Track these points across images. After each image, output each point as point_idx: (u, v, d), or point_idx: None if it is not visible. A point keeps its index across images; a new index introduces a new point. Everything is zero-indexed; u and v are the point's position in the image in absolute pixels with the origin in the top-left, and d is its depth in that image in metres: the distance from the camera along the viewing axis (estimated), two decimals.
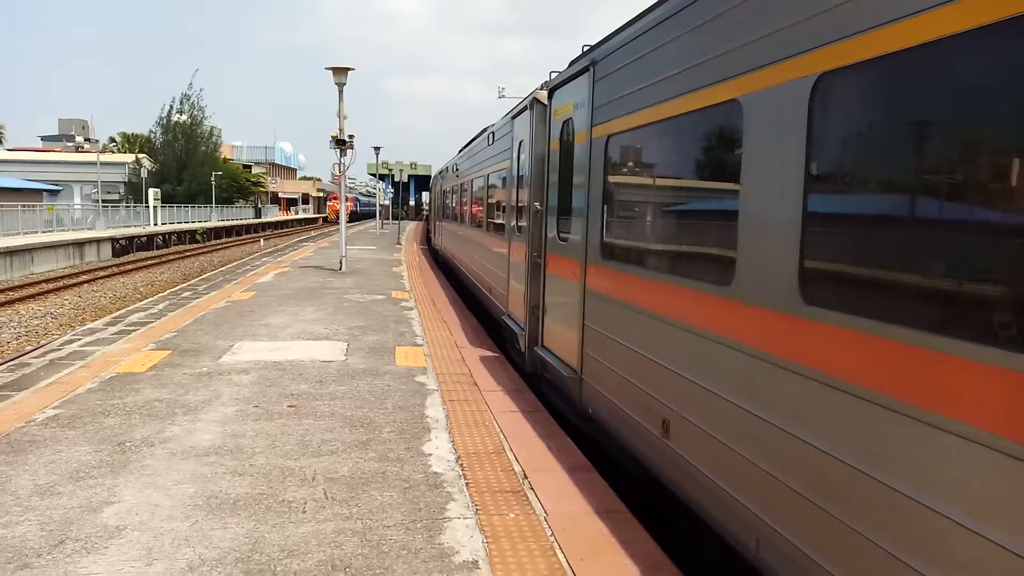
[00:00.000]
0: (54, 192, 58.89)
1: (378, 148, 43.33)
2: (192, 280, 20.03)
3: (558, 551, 4.18)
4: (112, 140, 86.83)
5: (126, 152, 74.76)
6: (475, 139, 16.35)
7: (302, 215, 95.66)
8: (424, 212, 67.43)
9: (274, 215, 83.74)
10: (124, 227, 43.15)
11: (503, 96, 23.92)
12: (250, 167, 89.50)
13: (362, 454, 5.65)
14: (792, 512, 3.22)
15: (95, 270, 28.41)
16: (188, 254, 37.98)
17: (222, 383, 7.65)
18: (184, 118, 66.59)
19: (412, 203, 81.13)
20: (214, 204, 63.01)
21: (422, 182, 67.01)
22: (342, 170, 21.07)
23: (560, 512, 4.71)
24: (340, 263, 20.28)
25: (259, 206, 79.28)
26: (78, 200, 59.32)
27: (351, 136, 20.34)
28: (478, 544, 4.21)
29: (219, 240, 51.75)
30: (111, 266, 30.51)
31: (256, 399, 7.08)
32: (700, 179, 4.65)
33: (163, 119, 66.06)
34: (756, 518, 3.51)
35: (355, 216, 75.61)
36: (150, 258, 34.66)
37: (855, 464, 2.83)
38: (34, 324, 16.86)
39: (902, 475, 2.61)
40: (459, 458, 5.62)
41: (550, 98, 7.85)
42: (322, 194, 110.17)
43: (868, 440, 2.78)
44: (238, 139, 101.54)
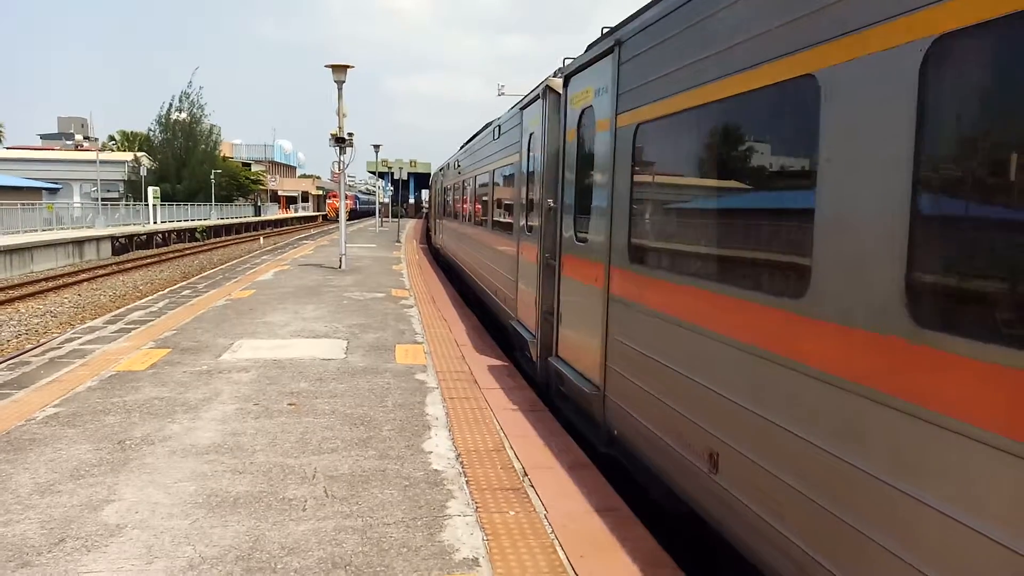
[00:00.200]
0: (53, 190, 58.80)
1: (377, 146, 43.35)
2: (192, 278, 20.03)
3: (558, 548, 4.18)
4: (112, 138, 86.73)
5: (125, 150, 74.69)
6: (479, 134, 15.61)
7: (301, 213, 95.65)
8: (424, 210, 67.41)
9: (274, 213, 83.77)
10: (124, 225, 43.14)
11: (503, 93, 23.87)
12: (249, 165, 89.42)
13: (362, 452, 5.65)
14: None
15: (95, 268, 28.40)
16: (188, 252, 37.96)
17: (222, 381, 7.65)
18: (183, 116, 66.54)
19: (412, 201, 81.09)
20: (213, 202, 62.95)
21: (422, 180, 66.94)
22: (342, 168, 21.07)
23: (560, 509, 4.71)
24: (340, 261, 20.27)
25: (259, 204, 79.27)
26: (77, 198, 59.29)
27: (350, 134, 20.33)
28: (478, 542, 4.21)
29: (219, 238, 51.74)
30: (111, 264, 30.53)
31: (256, 397, 7.08)
32: (757, 172, 3.91)
33: (162, 117, 66.02)
34: None
35: (355, 214, 75.53)
36: (150, 256, 34.65)
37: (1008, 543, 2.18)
38: (34, 322, 16.87)
39: None
40: (459, 456, 5.62)
41: (565, 86, 7.16)
42: (321, 192, 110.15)
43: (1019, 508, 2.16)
44: (238, 137, 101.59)
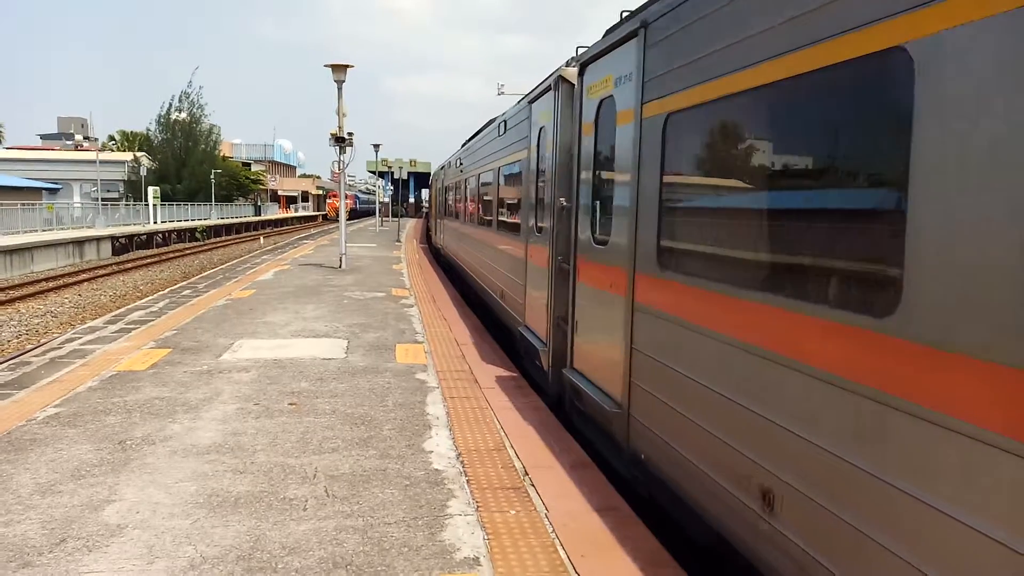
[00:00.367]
0: (53, 190, 58.82)
1: (377, 145, 43.37)
2: (192, 278, 20.03)
3: (559, 548, 4.18)
4: (111, 138, 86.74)
5: (125, 150, 74.70)
6: (482, 130, 15.02)
7: (302, 213, 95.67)
8: (424, 209, 67.40)
9: (274, 213, 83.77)
10: (124, 225, 43.15)
11: (502, 93, 23.87)
12: (249, 165, 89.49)
13: (363, 451, 5.65)
14: None
15: (95, 268, 28.41)
16: (188, 252, 37.96)
17: (223, 381, 7.65)
18: (183, 116, 66.55)
19: (412, 200, 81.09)
20: (214, 202, 62.96)
21: (422, 179, 66.94)
22: (341, 167, 21.07)
23: (561, 509, 4.71)
24: (340, 261, 20.26)
25: (259, 204, 79.31)
26: (78, 198, 59.29)
27: (350, 133, 20.33)
28: (479, 541, 4.21)
29: (219, 238, 51.74)
30: (111, 264, 30.53)
31: (257, 397, 7.08)
32: (824, 165, 3.35)
33: (162, 117, 66.02)
34: None
35: (355, 214, 75.55)
36: (150, 256, 34.66)
37: None
38: (34, 323, 16.87)
39: None
40: (460, 455, 5.62)
41: (581, 75, 6.59)
42: (321, 192, 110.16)
43: None
44: (237, 137, 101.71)
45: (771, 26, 3.45)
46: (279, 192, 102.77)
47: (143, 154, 64.56)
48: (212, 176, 64.83)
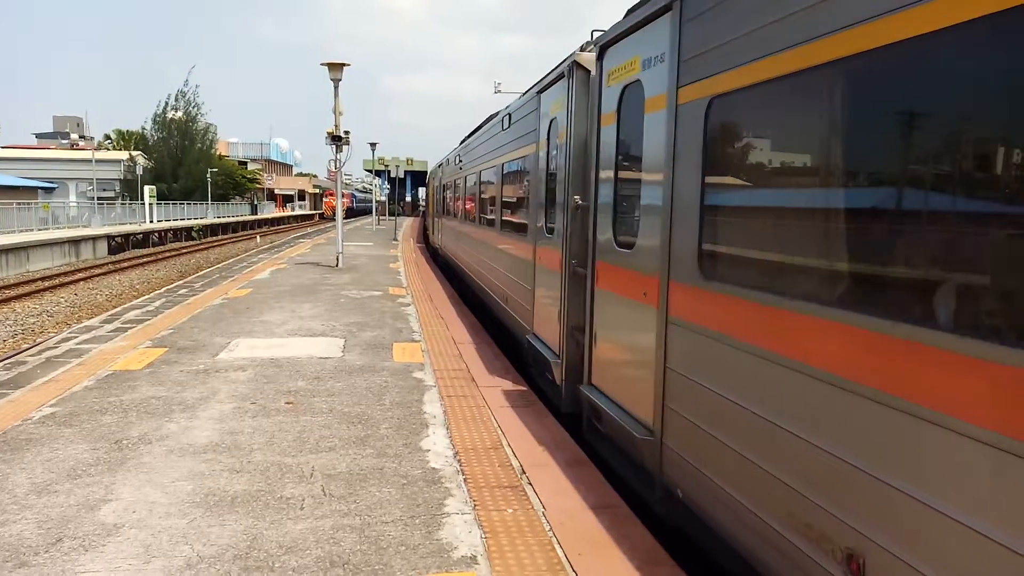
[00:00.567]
0: (49, 189, 58.61)
1: (374, 144, 43.39)
2: (188, 277, 20.00)
3: (556, 546, 4.18)
4: (107, 137, 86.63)
5: (121, 149, 74.52)
6: (483, 125, 14.25)
7: (298, 211, 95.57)
8: (421, 208, 67.38)
9: (270, 212, 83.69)
10: (120, 224, 43.02)
11: (499, 91, 23.89)
12: (246, 164, 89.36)
13: (360, 450, 5.64)
14: None
15: (91, 268, 28.33)
16: (184, 251, 37.87)
17: (219, 380, 7.64)
18: (179, 115, 66.40)
19: (408, 199, 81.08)
20: (210, 201, 62.85)
21: (418, 178, 66.90)
22: (338, 166, 21.05)
23: (558, 507, 4.71)
24: (337, 259, 20.25)
25: (255, 203, 79.20)
26: (73, 197, 59.12)
27: (347, 132, 20.30)
28: (476, 539, 4.21)
29: (215, 237, 51.63)
30: (107, 264, 30.46)
31: (253, 396, 7.07)
32: (927, 158, 2.65)
33: (158, 116, 65.88)
34: None
35: (351, 212, 75.59)
36: (146, 255, 34.56)
37: None
38: (30, 322, 16.83)
39: None
40: (457, 454, 5.62)
41: (600, 59, 5.95)
42: (318, 190, 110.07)
43: None
44: (234, 136, 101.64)
45: None
46: (276, 191, 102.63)
47: (139, 153, 64.40)
48: (208, 175, 64.70)
